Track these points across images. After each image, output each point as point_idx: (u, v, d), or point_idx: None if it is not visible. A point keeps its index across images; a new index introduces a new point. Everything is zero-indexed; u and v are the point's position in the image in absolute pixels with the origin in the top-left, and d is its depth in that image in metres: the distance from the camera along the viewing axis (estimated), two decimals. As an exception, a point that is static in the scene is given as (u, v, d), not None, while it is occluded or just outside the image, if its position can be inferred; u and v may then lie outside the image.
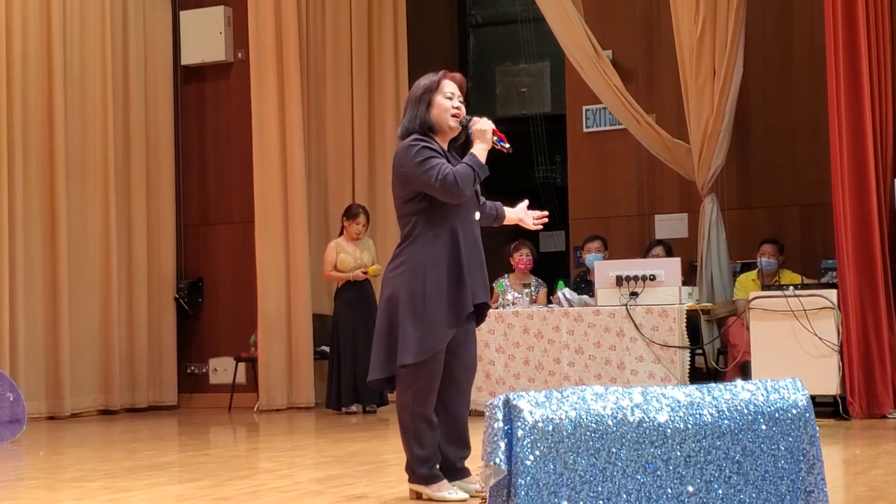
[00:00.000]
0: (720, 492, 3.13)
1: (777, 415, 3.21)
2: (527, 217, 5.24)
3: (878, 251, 7.98)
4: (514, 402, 2.96)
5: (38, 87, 10.15)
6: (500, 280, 9.48)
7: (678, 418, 3.09)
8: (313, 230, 10.85)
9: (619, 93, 9.56)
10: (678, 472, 3.08)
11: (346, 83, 11.05)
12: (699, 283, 9.22)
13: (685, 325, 8.16)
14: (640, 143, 9.79)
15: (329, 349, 10.01)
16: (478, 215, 4.90)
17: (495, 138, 4.78)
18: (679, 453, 3.08)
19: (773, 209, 10.07)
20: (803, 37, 10.00)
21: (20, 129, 9.98)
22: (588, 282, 9.48)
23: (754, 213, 10.12)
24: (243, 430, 9.33)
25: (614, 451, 3.01)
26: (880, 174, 8.10)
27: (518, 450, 2.92)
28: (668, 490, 3.06)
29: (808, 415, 3.26)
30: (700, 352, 8.71)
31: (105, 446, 8.12)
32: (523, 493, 2.90)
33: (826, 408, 8.01)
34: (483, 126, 4.78)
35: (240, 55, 11.35)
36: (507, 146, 4.81)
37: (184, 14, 11.50)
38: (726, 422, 3.15)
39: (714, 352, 9.10)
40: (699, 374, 8.52)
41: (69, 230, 10.28)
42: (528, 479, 2.91)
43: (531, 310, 8.70)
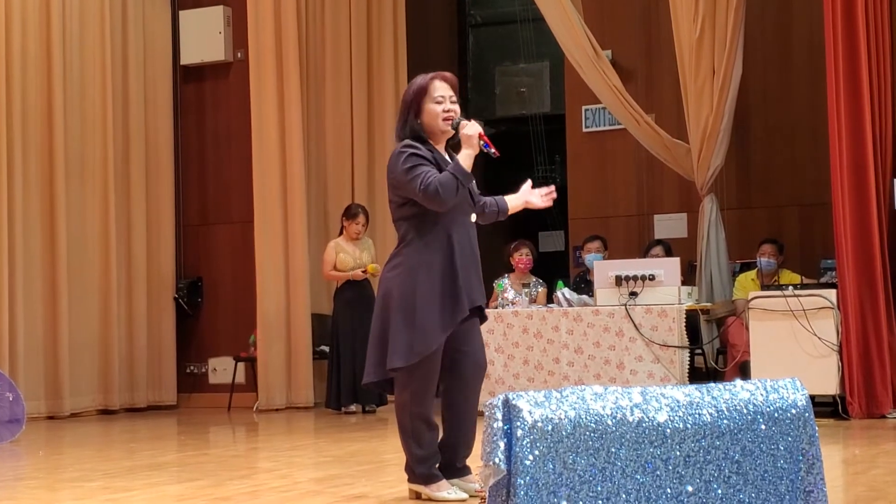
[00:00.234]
0: (719, 492, 3.13)
1: (776, 415, 3.21)
2: (533, 196, 5.12)
3: (877, 251, 7.98)
4: (514, 402, 2.96)
5: (37, 86, 10.15)
6: (500, 280, 9.48)
7: (677, 418, 3.09)
8: (313, 230, 10.84)
9: (618, 93, 9.56)
10: (677, 472, 3.08)
11: (346, 83, 11.04)
12: (698, 282, 9.22)
13: (684, 324, 8.16)
14: (640, 143, 9.79)
15: (328, 349, 10.01)
16: (474, 217, 4.89)
17: (482, 143, 4.73)
18: (678, 453, 3.08)
19: (773, 209, 10.07)
20: (803, 36, 10.00)
21: (19, 129, 9.98)
22: (587, 282, 9.48)
23: (754, 212, 10.12)
24: (242, 430, 9.33)
25: (613, 450, 3.01)
26: (880, 174, 8.10)
27: (517, 449, 2.92)
28: (668, 490, 3.06)
29: (807, 415, 3.26)
30: (699, 352, 8.71)
31: (104, 446, 8.12)
32: (522, 492, 2.90)
33: (825, 408, 8.00)
34: (469, 131, 4.72)
35: (239, 55, 11.34)
36: (494, 150, 4.75)
37: (183, 14, 11.50)
38: (725, 422, 3.15)
39: (713, 352, 9.10)
40: (698, 374, 8.51)
41: (68, 230, 10.27)
42: (528, 478, 2.91)
43: (530, 310, 8.70)
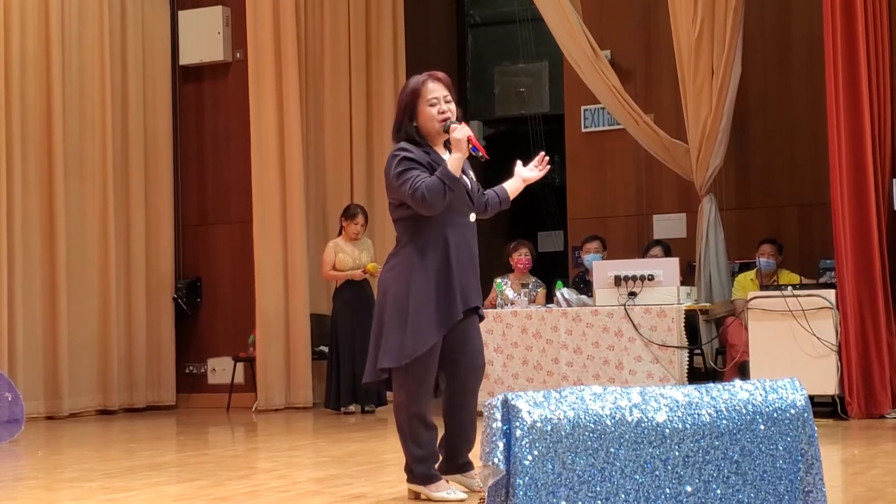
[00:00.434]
0: (718, 492, 3.13)
1: (775, 415, 3.21)
2: (527, 171, 5.08)
3: (876, 251, 7.98)
4: (513, 402, 2.96)
5: (36, 86, 10.14)
6: (500, 280, 9.48)
7: (676, 418, 3.09)
8: (312, 230, 10.84)
9: (617, 93, 9.56)
10: (676, 472, 3.08)
11: (345, 83, 11.05)
12: (697, 282, 9.22)
13: (683, 324, 8.16)
14: (639, 144, 9.79)
15: (328, 349, 10.01)
16: (473, 217, 4.89)
17: (471, 146, 4.71)
18: (677, 453, 3.08)
19: (772, 209, 10.07)
20: (802, 36, 10.00)
21: (19, 129, 9.97)
22: (587, 282, 9.48)
23: (753, 213, 10.12)
24: (241, 430, 9.33)
25: (612, 451, 3.01)
26: (879, 174, 8.10)
27: (516, 450, 2.92)
28: (667, 490, 3.06)
29: (806, 415, 3.26)
30: (698, 352, 8.71)
31: (103, 446, 8.11)
32: (521, 492, 2.90)
33: (824, 408, 8.00)
34: (458, 135, 4.69)
35: (238, 55, 11.34)
36: (483, 154, 4.74)
37: (182, 14, 11.50)
38: (725, 422, 3.15)
39: (712, 352, 9.09)
40: (697, 374, 8.51)
41: (67, 230, 10.27)
42: (527, 478, 2.91)
43: (529, 310, 8.70)
